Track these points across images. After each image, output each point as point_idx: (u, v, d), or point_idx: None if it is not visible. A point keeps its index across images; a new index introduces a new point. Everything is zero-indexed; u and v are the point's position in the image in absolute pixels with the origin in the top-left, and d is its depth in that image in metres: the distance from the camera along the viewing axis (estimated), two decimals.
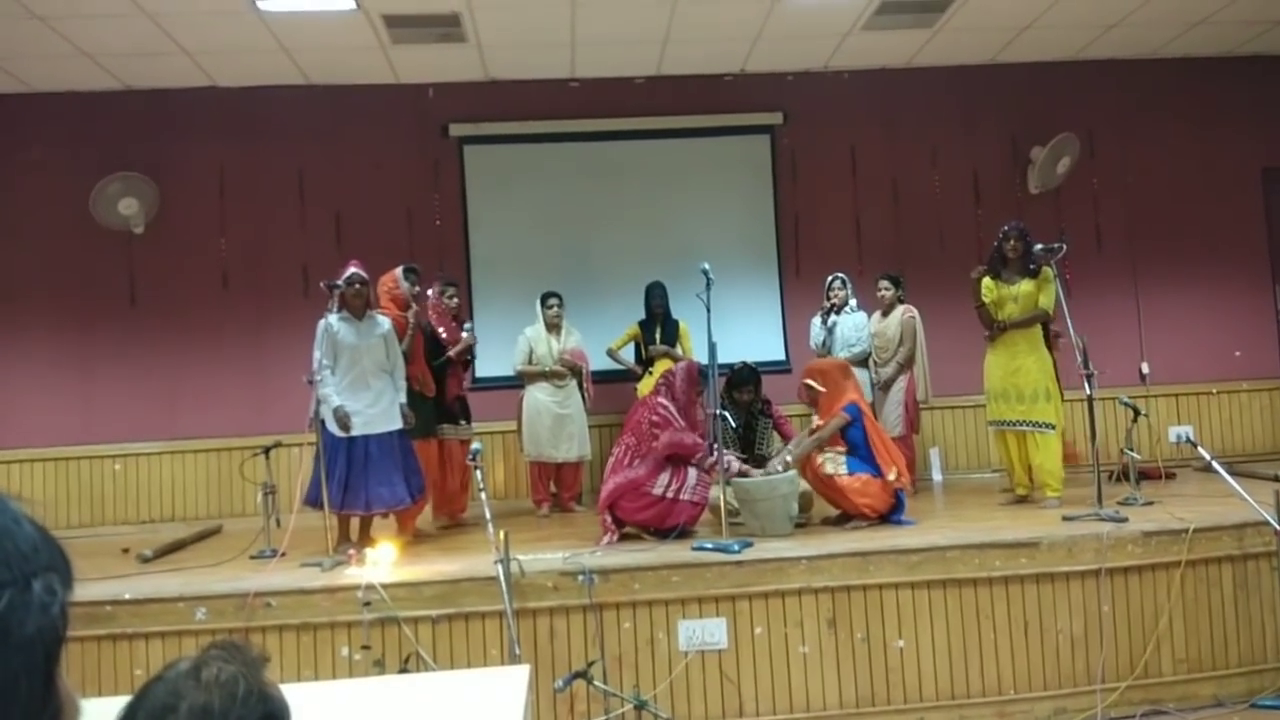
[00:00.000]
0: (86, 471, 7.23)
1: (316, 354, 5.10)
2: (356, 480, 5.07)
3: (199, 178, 7.45)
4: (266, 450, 5.64)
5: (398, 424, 5.30)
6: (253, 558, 5.10)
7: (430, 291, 6.29)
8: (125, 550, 5.55)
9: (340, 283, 5.20)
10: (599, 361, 7.11)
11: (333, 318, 5.18)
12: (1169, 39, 7.59)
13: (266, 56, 6.89)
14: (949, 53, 7.60)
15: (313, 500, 5.09)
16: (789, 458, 5.31)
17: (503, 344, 6.82)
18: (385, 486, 5.15)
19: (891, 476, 5.11)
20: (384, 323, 5.39)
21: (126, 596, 4.27)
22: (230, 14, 6.17)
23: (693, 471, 5.10)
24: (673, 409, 5.17)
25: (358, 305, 5.26)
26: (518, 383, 6.78)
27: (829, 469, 5.18)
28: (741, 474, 5.23)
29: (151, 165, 7.28)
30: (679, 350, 6.91)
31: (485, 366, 6.63)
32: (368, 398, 5.20)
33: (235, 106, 7.48)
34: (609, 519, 5.08)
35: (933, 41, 7.35)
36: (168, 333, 7.38)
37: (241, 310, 7.44)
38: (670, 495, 5.00)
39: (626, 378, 7.17)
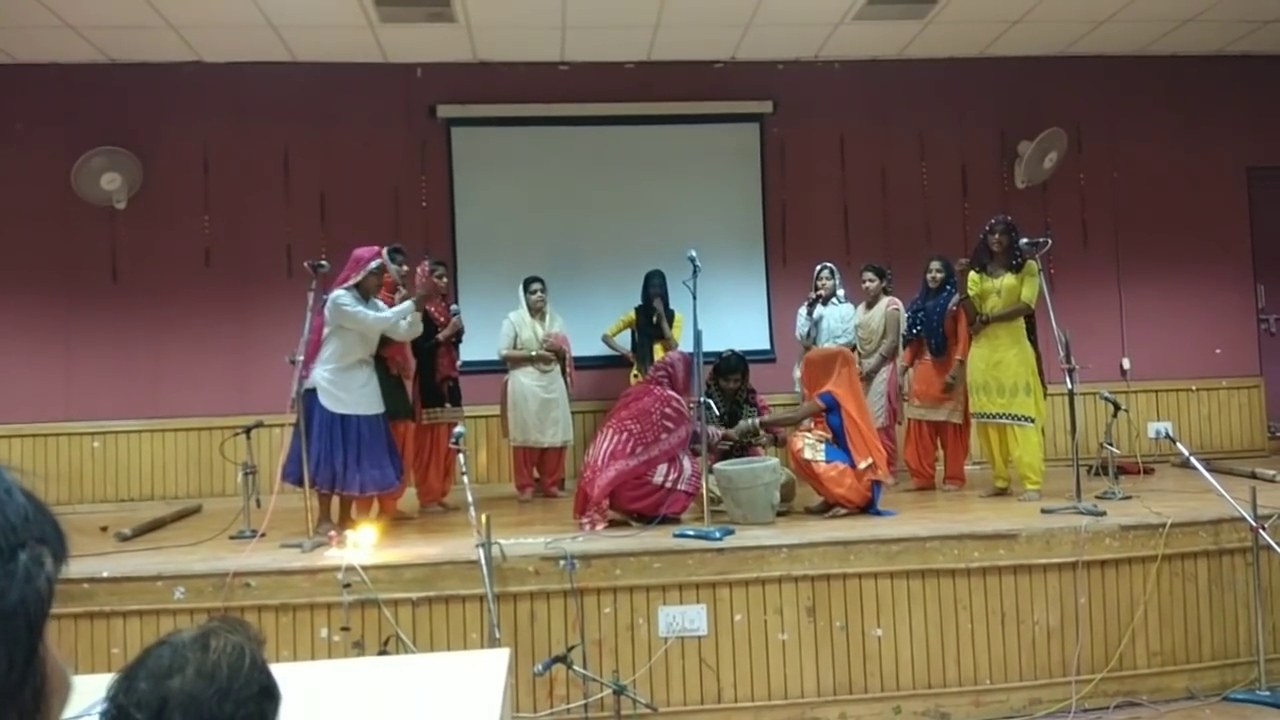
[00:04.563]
0: (66, 449, 7.17)
1: (362, 311, 5.10)
2: (350, 461, 5.06)
3: (183, 154, 7.37)
4: (247, 430, 5.61)
5: (382, 407, 5.30)
6: (232, 538, 5.09)
7: (419, 270, 6.25)
8: (104, 528, 5.52)
9: (320, 263, 5.19)
10: (588, 347, 7.10)
11: (342, 291, 5.15)
12: (1158, 36, 7.62)
13: (253, 32, 6.81)
14: (939, 45, 7.60)
15: (292, 476, 5.06)
16: (755, 421, 5.40)
17: (487, 328, 6.80)
18: (377, 468, 5.15)
19: (863, 465, 5.14)
20: (383, 308, 5.40)
21: (104, 574, 4.25)
22: None
23: (688, 462, 5.11)
24: (684, 403, 5.18)
25: (373, 287, 5.32)
26: (501, 367, 6.77)
27: (807, 454, 5.22)
28: (724, 438, 5.44)
29: (135, 140, 7.21)
30: (673, 335, 6.88)
31: (468, 350, 6.61)
32: (361, 378, 5.19)
33: (221, 82, 7.40)
34: (603, 507, 5.06)
35: (923, 33, 7.35)
36: (149, 310, 7.32)
37: (224, 289, 7.38)
38: (669, 484, 5.01)
39: (615, 364, 7.16)
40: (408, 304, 5.33)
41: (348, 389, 5.11)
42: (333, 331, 5.15)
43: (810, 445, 5.24)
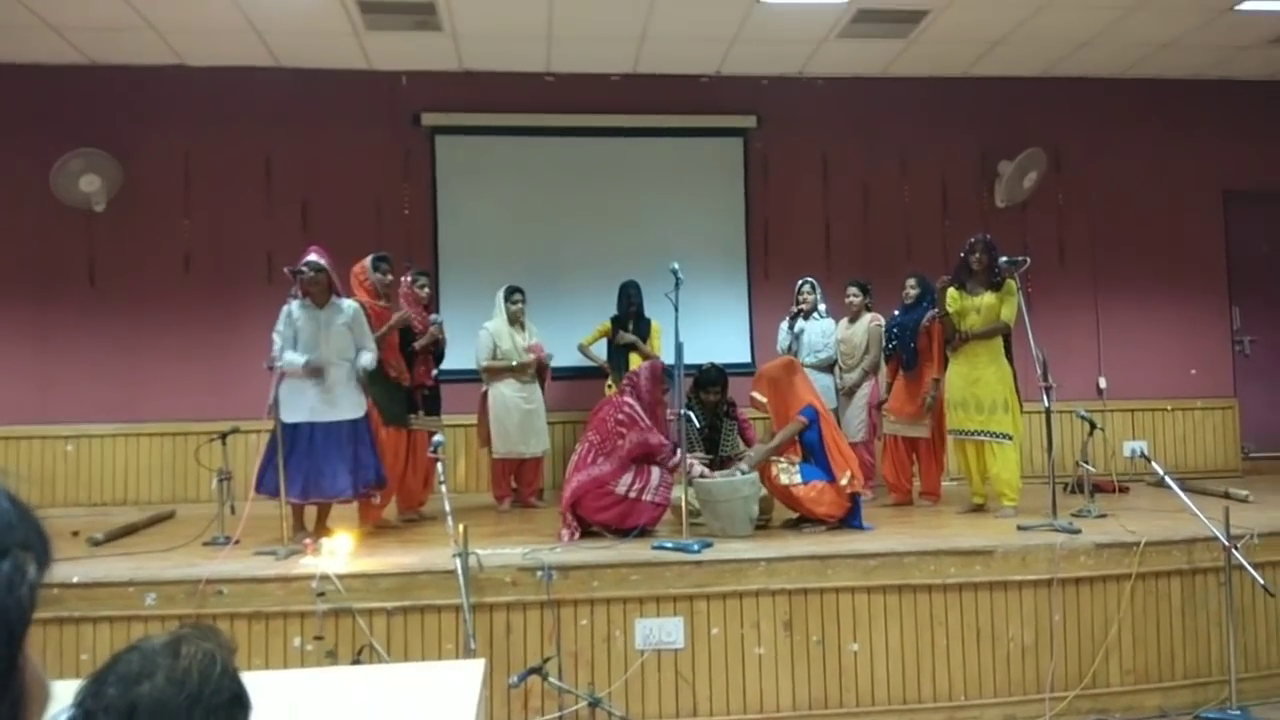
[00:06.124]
0: (38, 451, 7.08)
1: (275, 337, 5.05)
2: (296, 467, 4.96)
3: (164, 157, 7.33)
4: (223, 436, 5.57)
5: (350, 413, 5.17)
6: (206, 544, 5.04)
7: (403, 280, 6.25)
8: (75, 533, 5.44)
9: (301, 269, 5.14)
10: (567, 357, 7.09)
11: (294, 304, 5.12)
12: (1137, 60, 7.72)
13: (237, 37, 6.79)
14: (923, 64, 7.66)
15: (261, 486, 4.99)
16: (746, 466, 5.30)
17: (469, 337, 6.77)
18: (326, 476, 5.04)
19: (844, 481, 5.13)
20: (348, 309, 5.27)
21: (75, 580, 4.20)
22: None
23: (656, 472, 5.09)
24: (639, 408, 5.16)
25: (316, 292, 5.18)
26: (478, 377, 6.73)
27: (784, 479, 5.17)
28: (703, 477, 5.25)
29: (115, 142, 7.15)
30: (648, 347, 6.90)
31: (446, 360, 6.59)
32: (321, 384, 5.08)
33: (203, 87, 7.36)
34: (570, 518, 5.06)
35: (907, 52, 7.41)
36: (127, 314, 7.26)
37: (203, 294, 7.33)
38: (633, 495, 4.98)
39: (592, 374, 7.16)
40: (298, 362, 5.00)
41: (300, 396, 5.02)
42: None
43: (785, 470, 5.20)
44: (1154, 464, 4.83)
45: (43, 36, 6.70)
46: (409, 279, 6.29)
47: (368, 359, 5.28)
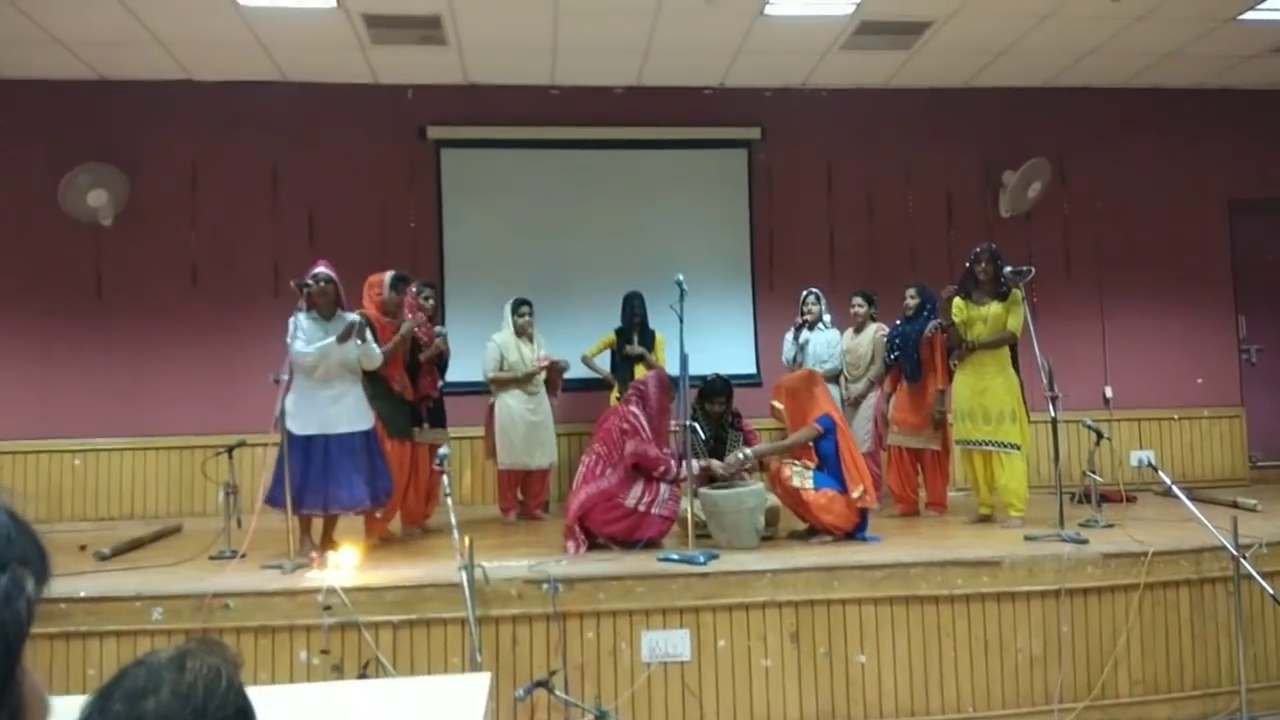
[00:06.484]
0: (45, 466, 7.10)
1: (291, 342, 5.03)
2: (315, 480, 4.97)
3: (171, 172, 7.36)
4: (230, 449, 5.58)
5: (361, 425, 5.19)
6: (212, 558, 5.04)
7: (409, 290, 6.26)
8: (82, 547, 5.46)
9: (308, 281, 5.15)
10: (571, 369, 7.10)
11: (301, 316, 5.13)
12: (1140, 69, 7.73)
13: (244, 51, 6.83)
14: (926, 75, 7.68)
15: (273, 500, 5.00)
16: (749, 451, 5.33)
17: (474, 349, 6.79)
18: (344, 488, 5.04)
19: (856, 494, 5.12)
20: (353, 322, 5.30)
21: (82, 594, 4.20)
22: (208, 7, 6.12)
23: (665, 485, 5.08)
24: (642, 418, 5.15)
25: (323, 304, 5.19)
26: (484, 389, 6.74)
27: (796, 482, 5.17)
28: (705, 469, 5.27)
29: (123, 157, 7.19)
30: (654, 358, 6.91)
31: (451, 371, 6.61)
32: (329, 396, 5.09)
33: (210, 101, 7.40)
34: (578, 530, 5.05)
35: (910, 63, 7.43)
36: (134, 327, 7.28)
37: (210, 307, 7.35)
38: (642, 509, 4.97)
39: (598, 386, 7.16)
40: (330, 341, 5.06)
41: (309, 409, 5.02)
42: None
43: (799, 473, 5.20)
44: (1161, 473, 4.81)
45: (50, 51, 6.74)
46: (414, 290, 6.30)
47: (375, 349, 5.34)
